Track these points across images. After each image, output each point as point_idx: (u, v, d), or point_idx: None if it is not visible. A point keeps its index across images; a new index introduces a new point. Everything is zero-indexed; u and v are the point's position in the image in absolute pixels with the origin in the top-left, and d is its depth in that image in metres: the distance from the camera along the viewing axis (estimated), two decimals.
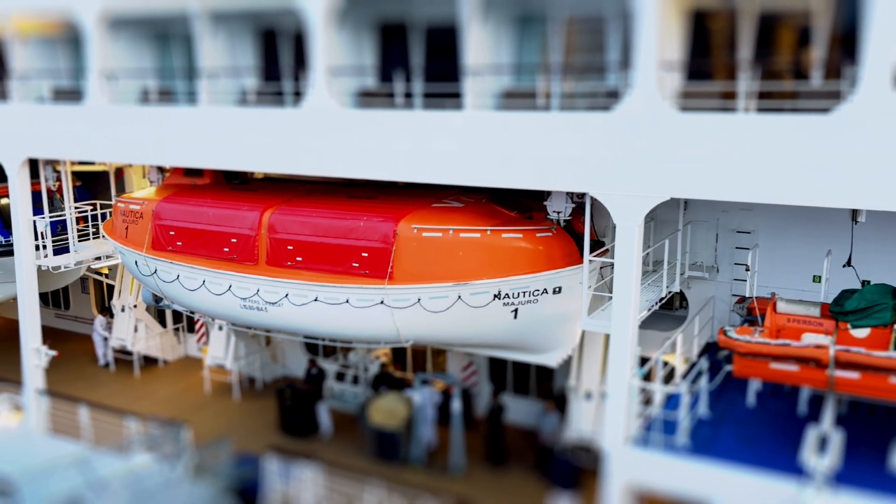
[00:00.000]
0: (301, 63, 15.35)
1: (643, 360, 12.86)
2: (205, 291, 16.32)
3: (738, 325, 12.33)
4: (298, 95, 14.54)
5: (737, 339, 11.35)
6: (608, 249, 13.93)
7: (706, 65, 13.09)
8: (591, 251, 13.16)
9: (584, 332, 15.55)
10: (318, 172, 14.15)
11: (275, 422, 19.60)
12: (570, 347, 15.59)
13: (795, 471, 10.60)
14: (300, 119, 13.89)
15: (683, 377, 13.19)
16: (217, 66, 15.51)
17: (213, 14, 15.04)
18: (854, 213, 12.49)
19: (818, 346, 10.87)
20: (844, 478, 10.52)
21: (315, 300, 14.92)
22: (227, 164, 15.12)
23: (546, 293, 14.25)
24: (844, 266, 13.60)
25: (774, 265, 14.70)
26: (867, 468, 10.93)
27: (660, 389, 12.17)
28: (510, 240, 14.10)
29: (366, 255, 14.53)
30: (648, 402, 12.46)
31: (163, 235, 16.84)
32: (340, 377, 20.73)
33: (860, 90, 10.01)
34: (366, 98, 14.61)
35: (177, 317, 23.89)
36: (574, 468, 15.34)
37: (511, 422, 18.36)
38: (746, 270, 14.15)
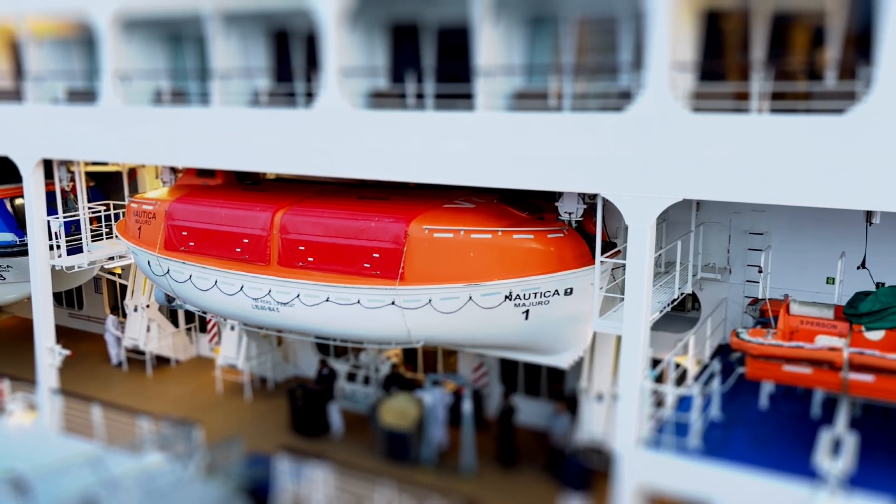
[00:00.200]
0: (313, 64, 15.40)
1: (655, 362, 12.80)
2: (217, 291, 16.40)
3: (751, 327, 12.27)
4: (310, 96, 14.57)
5: (749, 341, 11.27)
6: (620, 251, 13.89)
7: (719, 65, 13.03)
8: (603, 252, 13.13)
9: (596, 334, 15.52)
10: (330, 173, 14.17)
11: (286, 422, 19.64)
12: (582, 349, 15.56)
13: (808, 474, 10.53)
14: (312, 120, 13.93)
15: (695, 379, 13.12)
16: (229, 67, 15.58)
17: (226, 15, 15.10)
18: (868, 215, 12.38)
19: (832, 349, 10.78)
20: (858, 481, 10.44)
21: (326, 300, 14.95)
22: (240, 165, 15.18)
23: (557, 294, 14.21)
24: (859, 268, 13.50)
25: (787, 267, 14.60)
26: (881, 472, 10.85)
27: (672, 391, 12.12)
28: (521, 241, 14.07)
29: (377, 256, 14.55)
30: (660, 404, 12.41)
31: (175, 236, 16.92)
32: (351, 377, 20.77)
33: (875, 91, 9.94)
34: (377, 99, 14.62)
35: (189, 317, 23.99)
36: (585, 470, 15.30)
37: (522, 423, 18.31)
38: (759, 272, 14.09)
